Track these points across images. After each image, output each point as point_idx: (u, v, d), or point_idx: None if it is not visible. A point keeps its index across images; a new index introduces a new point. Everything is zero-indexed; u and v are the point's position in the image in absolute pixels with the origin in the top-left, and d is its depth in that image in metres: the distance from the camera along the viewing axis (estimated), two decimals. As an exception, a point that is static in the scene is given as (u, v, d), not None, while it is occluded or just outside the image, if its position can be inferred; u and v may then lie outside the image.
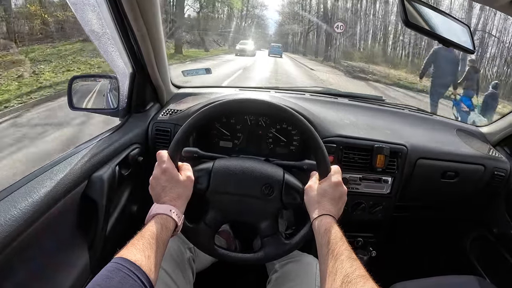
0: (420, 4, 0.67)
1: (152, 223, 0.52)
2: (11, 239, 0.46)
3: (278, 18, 24.15)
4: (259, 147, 0.96)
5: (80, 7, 0.71)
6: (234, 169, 0.64)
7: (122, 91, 0.90)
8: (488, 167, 1.00)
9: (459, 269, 1.18)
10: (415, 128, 1.07)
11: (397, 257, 1.24)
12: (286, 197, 0.64)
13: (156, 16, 0.75)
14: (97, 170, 0.69)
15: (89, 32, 0.76)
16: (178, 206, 0.57)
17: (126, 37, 0.77)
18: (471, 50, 0.74)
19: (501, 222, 1.06)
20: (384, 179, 0.92)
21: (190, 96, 1.09)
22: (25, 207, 0.50)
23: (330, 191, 0.60)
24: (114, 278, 0.40)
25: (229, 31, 19.83)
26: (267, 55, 17.58)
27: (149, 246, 0.47)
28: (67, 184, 0.60)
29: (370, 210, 0.95)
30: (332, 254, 0.49)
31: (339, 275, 0.44)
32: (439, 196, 1.06)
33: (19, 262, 0.50)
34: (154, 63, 0.87)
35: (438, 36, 0.69)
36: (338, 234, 0.52)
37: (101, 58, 5.99)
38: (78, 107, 0.89)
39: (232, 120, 0.95)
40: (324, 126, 0.91)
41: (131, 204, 0.86)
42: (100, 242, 0.70)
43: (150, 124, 0.93)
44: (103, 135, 0.81)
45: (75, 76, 0.91)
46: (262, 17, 24.21)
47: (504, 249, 1.06)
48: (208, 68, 1.27)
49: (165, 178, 0.58)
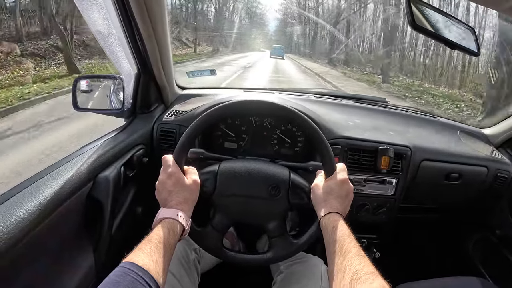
0: (426, 7, 0.67)
1: (159, 227, 0.51)
2: (16, 240, 0.46)
3: (280, 17, 23.67)
4: (264, 148, 0.96)
5: (87, 7, 0.71)
6: (240, 171, 0.64)
7: (127, 91, 0.90)
8: (491, 169, 1.00)
9: (462, 271, 1.18)
10: (419, 130, 1.08)
11: (400, 259, 1.24)
12: (293, 197, 0.64)
13: (163, 17, 0.75)
14: (103, 171, 0.69)
15: (95, 32, 0.76)
16: (185, 210, 0.57)
17: (133, 37, 0.77)
18: (476, 52, 0.74)
19: (504, 224, 1.06)
20: (388, 181, 0.92)
21: (195, 97, 1.09)
22: (31, 208, 0.50)
23: (336, 189, 0.60)
24: (122, 282, 0.40)
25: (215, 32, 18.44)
26: (269, 56, 17.50)
27: (156, 251, 0.47)
28: (73, 184, 0.60)
29: (374, 212, 0.95)
30: (340, 251, 0.49)
31: (348, 272, 0.44)
32: (442, 198, 1.06)
33: (25, 263, 0.50)
34: (160, 64, 0.87)
35: (444, 39, 0.69)
36: (346, 231, 0.53)
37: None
38: (83, 108, 0.89)
39: (237, 122, 0.95)
40: (328, 127, 0.91)
41: (136, 205, 0.86)
42: (105, 242, 0.70)
43: (155, 125, 0.93)
44: (108, 135, 0.81)
45: (79, 76, 0.91)
46: (262, 16, 23.74)
47: (507, 250, 1.06)
48: (213, 69, 1.27)
49: (171, 182, 0.58)
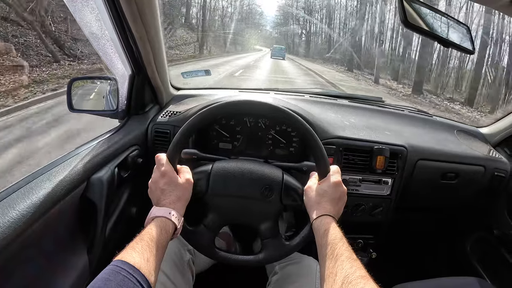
0: (419, 5, 0.66)
1: (151, 226, 0.51)
2: (9, 241, 0.46)
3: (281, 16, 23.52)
4: (259, 148, 0.96)
5: (79, 9, 0.71)
6: (233, 171, 0.64)
7: (122, 92, 0.90)
8: (488, 168, 0.99)
9: (460, 271, 1.18)
10: (415, 129, 1.07)
11: (397, 259, 1.24)
12: (286, 198, 0.64)
13: (155, 17, 0.75)
14: (97, 172, 0.69)
15: (88, 34, 0.76)
16: (178, 209, 0.57)
17: (125, 39, 0.77)
18: (471, 51, 0.73)
19: (502, 223, 1.05)
20: (384, 181, 0.92)
21: (190, 98, 1.09)
22: (24, 209, 0.50)
23: (329, 192, 0.60)
24: (112, 280, 0.39)
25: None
26: (269, 57, 17.48)
27: (148, 249, 0.46)
28: (66, 185, 0.60)
29: (370, 212, 0.95)
30: (332, 254, 0.49)
31: (340, 276, 0.44)
32: (439, 197, 1.06)
33: (18, 263, 0.50)
34: (153, 64, 0.87)
35: (437, 37, 0.69)
36: (338, 234, 0.52)
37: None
38: (78, 109, 0.89)
39: (232, 122, 0.95)
40: (323, 127, 0.91)
41: (130, 206, 0.86)
42: (99, 243, 0.70)
43: (150, 126, 0.93)
44: (102, 136, 0.81)
45: (74, 78, 0.91)
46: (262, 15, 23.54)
47: (505, 250, 1.05)
48: (208, 70, 1.27)
49: (164, 181, 0.58)
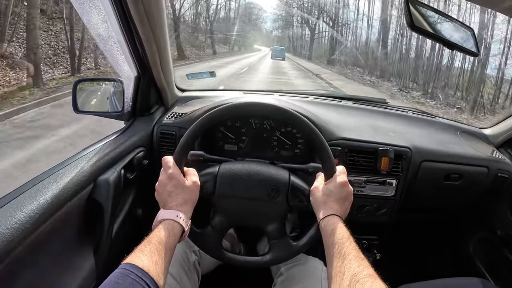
0: (425, 8, 0.67)
1: (159, 228, 0.51)
2: (17, 243, 0.46)
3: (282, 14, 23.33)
4: (264, 150, 0.96)
5: (87, 11, 0.72)
6: (239, 173, 0.64)
7: (127, 94, 0.90)
8: (491, 169, 0.99)
9: (463, 271, 1.18)
10: (419, 131, 1.07)
11: (401, 260, 1.24)
12: (293, 199, 0.64)
13: (162, 19, 0.75)
14: (103, 173, 0.69)
15: (95, 36, 0.77)
16: (185, 211, 0.57)
17: (132, 40, 0.77)
18: (476, 53, 0.74)
19: (505, 224, 1.05)
20: (388, 182, 0.92)
21: (195, 100, 1.09)
22: (31, 210, 0.50)
23: (336, 192, 0.60)
24: (122, 284, 0.39)
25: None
26: (270, 57, 17.47)
27: (156, 252, 0.47)
28: (73, 187, 0.60)
29: (374, 213, 0.95)
30: (339, 253, 0.49)
31: (347, 275, 0.44)
32: (443, 198, 1.06)
33: (25, 265, 0.50)
34: (159, 66, 0.87)
35: (443, 39, 0.69)
36: (345, 234, 0.53)
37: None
38: (83, 110, 0.90)
39: (237, 124, 0.95)
40: (328, 129, 0.91)
41: (136, 208, 0.86)
42: (105, 245, 0.70)
43: (155, 128, 0.93)
44: (108, 138, 0.81)
45: (79, 79, 0.91)
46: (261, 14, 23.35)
47: (508, 251, 1.05)
48: (213, 71, 1.27)
49: (171, 183, 0.58)
